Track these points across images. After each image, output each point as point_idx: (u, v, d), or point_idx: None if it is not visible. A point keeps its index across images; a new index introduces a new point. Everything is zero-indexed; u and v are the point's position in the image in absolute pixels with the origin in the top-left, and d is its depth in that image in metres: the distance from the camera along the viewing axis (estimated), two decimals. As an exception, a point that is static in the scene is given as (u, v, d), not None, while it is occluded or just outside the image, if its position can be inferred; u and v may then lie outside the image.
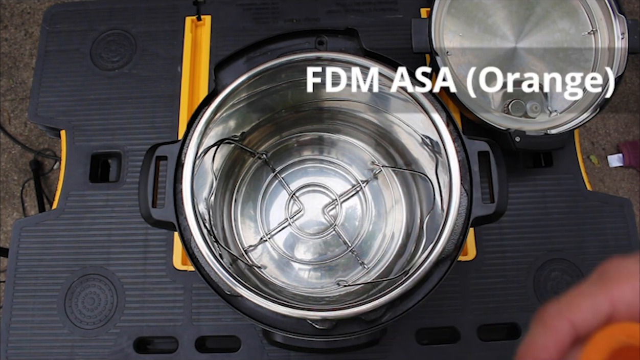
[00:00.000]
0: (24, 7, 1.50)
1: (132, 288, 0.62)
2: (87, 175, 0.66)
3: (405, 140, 0.62)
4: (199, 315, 0.60)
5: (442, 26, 0.62)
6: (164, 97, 0.68)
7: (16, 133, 1.41)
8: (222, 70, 0.53)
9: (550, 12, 0.63)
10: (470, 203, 0.49)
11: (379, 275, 0.60)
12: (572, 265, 0.62)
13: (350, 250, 0.62)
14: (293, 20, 0.71)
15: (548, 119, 0.61)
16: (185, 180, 0.49)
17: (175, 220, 0.49)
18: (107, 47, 0.71)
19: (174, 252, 0.62)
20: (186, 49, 0.69)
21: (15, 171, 1.39)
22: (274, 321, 0.48)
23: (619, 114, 1.42)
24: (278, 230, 0.63)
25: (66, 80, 0.69)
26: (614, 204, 0.64)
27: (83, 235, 0.64)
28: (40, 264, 0.63)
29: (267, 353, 0.59)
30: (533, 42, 0.63)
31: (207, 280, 0.48)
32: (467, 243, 0.62)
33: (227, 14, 0.71)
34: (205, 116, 0.51)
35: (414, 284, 0.47)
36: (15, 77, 1.44)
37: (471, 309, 0.60)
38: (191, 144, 0.50)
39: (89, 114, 0.68)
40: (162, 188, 0.50)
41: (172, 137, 0.66)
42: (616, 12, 0.62)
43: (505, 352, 0.59)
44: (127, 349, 0.60)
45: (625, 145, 1.38)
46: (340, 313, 0.46)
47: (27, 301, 0.62)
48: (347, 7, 0.71)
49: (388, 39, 0.70)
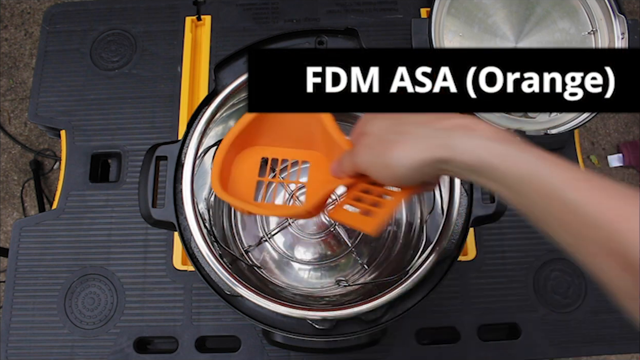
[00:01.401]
0: (24, 7, 1.50)
1: (132, 288, 0.62)
2: (87, 175, 0.66)
3: (405, 140, 0.62)
4: (199, 315, 0.60)
5: (442, 26, 0.62)
6: (163, 97, 0.68)
7: (16, 133, 1.41)
8: (222, 70, 0.53)
9: (550, 12, 0.64)
10: (470, 203, 0.49)
11: (379, 275, 0.60)
12: (572, 265, 0.62)
13: (350, 250, 0.62)
14: (293, 20, 0.71)
15: (548, 119, 0.61)
16: (185, 180, 0.49)
17: (175, 220, 0.49)
18: (107, 47, 0.71)
19: (174, 252, 0.62)
20: (186, 49, 0.69)
21: (15, 171, 1.39)
22: (274, 321, 0.48)
23: (619, 114, 1.42)
24: (278, 230, 0.63)
25: (66, 80, 0.69)
26: (614, 204, 0.64)
27: (83, 235, 0.64)
28: (40, 264, 0.63)
29: (267, 353, 0.59)
30: (533, 42, 0.63)
31: (207, 280, 0.48)
32: (467, 243, 0.62)
33: (227, 14, 0.71)
34: (205, 116, 0.51)
35: (414, 284, 0.47)
36: (15, 77, 1.44)
37: (471, 309, 0.60)
38: (191, 144, 0.50)
39: (89, 114, 0.68)
40: (162, 188, 0.50)
41: (172, 137, 0.66)
42: (616, 12, 0.62)
43: (505, 352, 0.59)
44: (127, 349, 0.60)
45: (625, 145, 1.38)
46: (340, 313, 0.46)
47: (27, 301, 0.62)
48: (347, 7, 0.71)
49: (388, 39, 0.70)
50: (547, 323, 0.60)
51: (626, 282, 0.27)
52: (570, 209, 0.28)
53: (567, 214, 0.29)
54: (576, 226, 0.28)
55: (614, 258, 0.27)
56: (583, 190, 0.28)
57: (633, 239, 0.26)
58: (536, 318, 0.60)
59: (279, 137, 0.51)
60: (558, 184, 0.29)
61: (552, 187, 0.29)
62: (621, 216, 0.27)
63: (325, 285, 0.61)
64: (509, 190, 0.32)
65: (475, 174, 0.33)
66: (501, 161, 0.31)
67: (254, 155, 0.51)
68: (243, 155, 0.51)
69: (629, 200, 0.27)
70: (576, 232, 0.29)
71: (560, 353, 0.60)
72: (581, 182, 0.29)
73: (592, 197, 0.28)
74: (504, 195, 0.33)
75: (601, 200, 0.28)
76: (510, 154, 0.31)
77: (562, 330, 0.60)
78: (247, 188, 0.50)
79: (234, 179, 0.50)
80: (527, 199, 0.31)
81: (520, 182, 0.31)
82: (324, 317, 0.46)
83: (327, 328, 0.47)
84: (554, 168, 0.30)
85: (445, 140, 0.33)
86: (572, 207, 0.28)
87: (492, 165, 0.32)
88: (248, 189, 0.50)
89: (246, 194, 0.49)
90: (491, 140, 0.32)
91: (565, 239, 0.30)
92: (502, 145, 0.32)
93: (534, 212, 0.32)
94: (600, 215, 0.27)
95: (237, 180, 0.50)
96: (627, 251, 0.26)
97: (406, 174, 0.35)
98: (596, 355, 0.81)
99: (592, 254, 0.28)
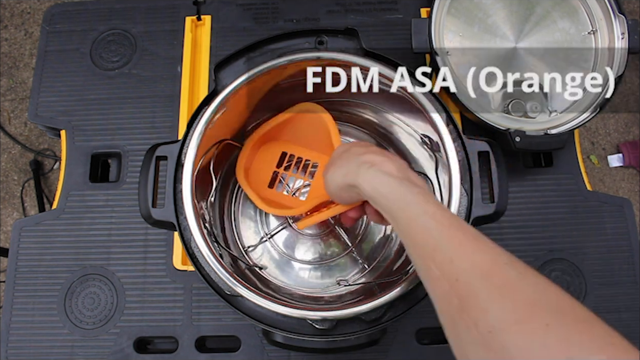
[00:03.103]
0: (24, 7, 1.50)
1: (132, 288, 0.62)
2: (87, 175, 0.66)
3: (405, 140, 0.62)
4: (199, 315, 0.60)
5: (442, 26, 0.62)
6: (163, 97, 0.68)
7: (16, 133, 1.41)
8: (222, 70, 0.53)
9: (550, 12, 0.63)
10: (470, 203, 0.49)
11: (379, 275, 0.60)
12: (572, 265, 0.62)
13: (350, 250, 0.62)
14: (293, 20, 0.71)
15: (548, 119, 0.61)
16: (185, 180, 0.49)
17: (175, 220, 0.49)
18: (107, 47, 0.71)
19: (174, 252, 0.62)
20: (186, 49, 0.69)
21: (15, 171, 1.39)
22: (274, 321, 0.48)
23: (619, 114, 1.42)
24: (278, 230, 0.63)
25: (66, 80, 0.69)
26: (614, 204, 0.64)
27: (83, 235, 0.64)
28: (40, 264, 0.63)
29: (267, 353, 0.59)
30: (533, 42, 0.63)
31: (207, 280, 0.48)
32: (467, 243, 0.62)
33: (227, 14, 0.71)
34: (205, 116, 0.51)
35: (414, 284, 0.47)
36: (15, 77, 1.44)
37: (471, 309, 0.60)
38: (191, 144, 0.50)
39: (89, 114, 0.68)
40: (162, 188, 0.50)
41: (172, 137, 0.66)
42: (616, 12, 0.62)
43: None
44: (127, 349, 0.60)
45: (625, 145, 1.38)
46: (340, 313, 0.46)
47: (27, 301, 0.62)
48: (347, 7, 0.71)
49: (388, 39, 0.70)
50: (547, 323, 0.60)
51: (451, 300, 0.31)
52: (427, 234, 0.35)
53: (423, 236, 0.35)
54: (429, 251, 0.34)
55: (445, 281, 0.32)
56: (441, 223, 0.35)
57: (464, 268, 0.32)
58: (536, 318, 0.60)
59: (298, 136, 0.60)
60: (419, 212, 0.36)
61: (416, 216, 0.36)
62: (460, 245, 0.33)
63: (325, 285, 0.61)
64: (389, 214, 0.39)
65: (372, 201, 0.41)
66: (387, 192, 0.39)
67: (276, 148, 0.61)
68: (266, 146, 0.61)
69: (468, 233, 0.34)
70: (425, 253, 0.35)
71: (560, 353, 0.60)
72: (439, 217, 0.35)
73: (442, 226, 0.35)
74: (388, 220, 0.40)
75: (451, 231, 0.34)
76: (395, 188, 0.38)
77: (562, 330, 0.60)
78: (264, 176, 0.60)
79: (255, 166, 0.61)
80: (398, 225, 0.38)
81: (395, 210, 0.38)
82: (324, 317, 0.46)
83: (327, 328, 0.47)
84: (424, 203, 0.37)
85: (356, 170, 0.42)
86: (429, 232, 0.35)
87: (381, 193, 0.39)
88: (265, 176, 0.60)
89: (262, 181, 0.60)
90: (387, 175, 0.40)
91: (418, 263, 0.36)
92: (392, 178, 0.39)
93: (401, 237, 0.38)
94: (446, 242, 0.34)
95: (258, 168, 0.61)
96: (459, 277, 0.31)
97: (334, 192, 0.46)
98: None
99: (433, 277, 0.34)
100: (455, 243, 0.33)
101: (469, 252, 0.32)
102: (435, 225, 0.35)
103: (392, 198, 0.38)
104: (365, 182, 0.40)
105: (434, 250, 0.34)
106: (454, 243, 0.33)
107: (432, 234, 0.34)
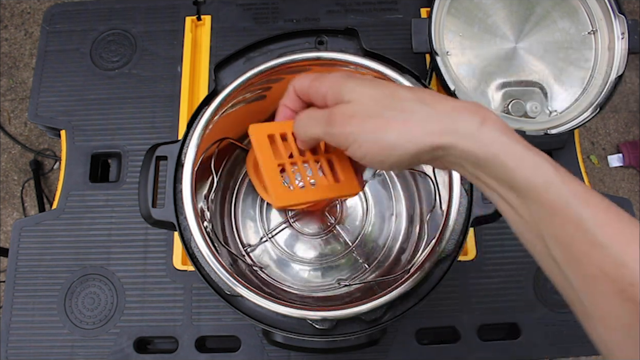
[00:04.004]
0: (24, 7, 1.50)
1: (132, 288, 0.62)
2: (87, 175, 0.66)
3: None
4: (199, 315, 0.60)
5: (442, 26, 0.62)
6: (163, 97, 0.68)
7: (16, 133, 1.41)
8: (222, 70, 0.53)
9: (550, 12, 0.64)
10: (470, 203, 0.49)
11: (379, 275, 0.60)
12: (572, 265, 0.62)
13: (350, 250, 0.62)
14: (293, 20, 0.71)
15: (548, 119, 0.61)
16: (185, 180, 0.49)
17: (175, 220, 0.49)
18: (107, 47, 0.71)
19: (174, 252, 0.62)
20: (186, 49, 0.69)
21: (15, 171, 1.39)
22: (274, 321, 0.48)
23: (619, 114, 1.42)
24: (278, 230, 0.63)
25: (66, 80, 0.69)
26: (614, 204, 0.64)
27: (83, 235, 0.64)
28: (40, 264, 0.63)
29: (267, 353, 0.59)
30: (533, 42, 0.63)
31: (207, 280, 0.48)
32: (467, 243, 0.62)
33: (227, 14, 0.71)
34: (205, 116, 0.51)
35: (414, 284, 0.47)
36: (15, 77, 1.44)
37: (471, 309, 0.60)
38: (191, 144, 0.50)
39: (89, 114, 0.68)
40: (162, 188, 0.50)
41: (172, 137, 0.66)
42: (616, 12, 0.62)
43: (505, 352, 0.59)
44: (127, 349, 0.60)
45: (625, 145, 1.38)
46: (340, 313, 0.46)
47: (27, 301, 0.62)
48: (347, 7, 0.71)
49: (388, 39, 0.70)
50: (547, 323, 0.60)
51: (623, 310, 0.26)
52: (580, 227, 0.27)
53: (575, 230, 0.28)
54: (579, 245, 0.27)
55: (612, 284, 0.26)
56: (597, 210, 0.28)
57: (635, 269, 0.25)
58: (536, 318, 0.60)
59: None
60: (572, 200, 0.28)
61: (566, 202, 0.28)
62: (629, 244, 0.26)
63: (325, 285, 0.61)
64: (516, 193, 0.30)
65: (479, 168, 0.30)
66: (517, 163, 0.29)
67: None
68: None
69: (634, 228, 0.27)
70: (576, 250, 0.28)
71: (560, 353, 0.60)
72: (593, 201, 0.28)
73: (605, 218, 0.27)
74: (503, 197, 0.31)
75: (611, 223, 0.27)
76: (527, 158, 0.29)
77: (562, 330, 0.60)
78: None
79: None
80: (529, 207, 0.30)
81: (531, 189, 0.29)
82: (324, 317, 0.46)
83: (327, 328, 0.47)
84: (569, 182, 0.29)
85: (450, 125, 0.30)
86: (582, 225, 0.27)
87: (504, 163, 0.29)
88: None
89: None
90: (506, 136, 0.29)
91: (558, 255, 0.29)
92: (518, 145, 0.29)
93: (530, 222, 0.30)
94: (609, 239, 0.27)
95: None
96: (632, 282, 0.25)
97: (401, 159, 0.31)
98: (596, 355, 0.81)
99: (591, 275, 0.27)
100: (622, 241, 0.27)
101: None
102: (590, 215, 0.27)
103: (530, 174, 0.29)
104: (476, 145, 0.29)
105: (592, 247, 0.27)
106: (621, 241, 0.27)
107: (587, 226, 0.27)
